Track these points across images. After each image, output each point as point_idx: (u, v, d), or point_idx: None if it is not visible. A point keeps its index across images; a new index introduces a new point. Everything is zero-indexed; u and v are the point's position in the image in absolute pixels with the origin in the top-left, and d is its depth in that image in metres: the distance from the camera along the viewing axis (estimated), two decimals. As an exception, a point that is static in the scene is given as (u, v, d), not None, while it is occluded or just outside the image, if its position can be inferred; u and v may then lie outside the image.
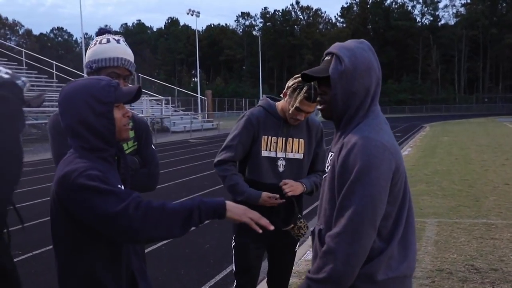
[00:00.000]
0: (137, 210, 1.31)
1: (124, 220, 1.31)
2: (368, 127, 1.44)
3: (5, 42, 37.82)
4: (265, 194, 2.35)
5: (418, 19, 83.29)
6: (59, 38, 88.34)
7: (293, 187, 2.37)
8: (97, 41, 2.05)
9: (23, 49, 30.06)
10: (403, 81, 75.36)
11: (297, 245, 2.69)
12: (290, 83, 2.42)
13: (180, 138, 23.12)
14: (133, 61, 2.10)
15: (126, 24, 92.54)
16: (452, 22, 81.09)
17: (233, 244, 2.59)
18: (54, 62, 27.43)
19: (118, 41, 2.04)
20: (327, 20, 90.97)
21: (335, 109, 1.48)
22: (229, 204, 1.44)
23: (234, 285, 2.62)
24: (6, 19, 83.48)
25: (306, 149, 2.52)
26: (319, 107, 1.60)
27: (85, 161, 1.42)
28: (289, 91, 2.39)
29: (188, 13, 45.46)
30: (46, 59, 29.71)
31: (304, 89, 2.28)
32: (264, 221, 1.45)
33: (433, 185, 8.12)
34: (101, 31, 2.10)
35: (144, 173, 2.09)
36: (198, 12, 44.86)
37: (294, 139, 2.47)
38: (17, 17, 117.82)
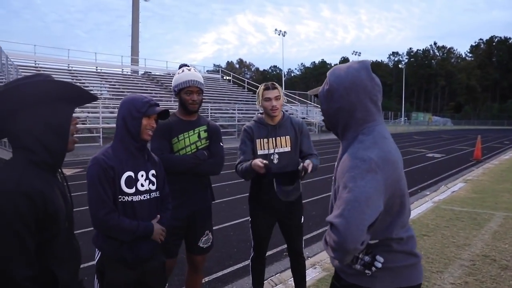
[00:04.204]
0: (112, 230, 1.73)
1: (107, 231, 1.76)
2: (359, 144, 1.32)
3: (240, 77, 46.41)
4: (255, 160, 2.33)
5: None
6: (274, 72, 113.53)
7: (309, 164, 2.37)
8: (178, 72, 2.32)
9: (249, 80, 36.49)
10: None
11: (302, 219, 2.60)
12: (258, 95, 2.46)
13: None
14: (201, 81, 2.29)
15: (314, 62, 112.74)
16: None
17: (249, 219, 2.63)
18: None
19: (189, 70, 2.30)
20: (457, 55, 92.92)
21: (326, 121, 1.45)
22: (155, 230, 1.78)
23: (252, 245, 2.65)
24: (245, 62, 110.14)
25: (292, 142, 2.49)
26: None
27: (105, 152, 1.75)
28: (259, 100, 2.48)
29: (352, 54, 54.62)
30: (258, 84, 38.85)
31: (262, 85, 2.44)
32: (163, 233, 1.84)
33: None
34: (181, 66, 2.37)
35: (210, 162, 2.32)
36: (360, 53, 52.44)
37: (281, 137, 2.48)
38: (251, 60, 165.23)
